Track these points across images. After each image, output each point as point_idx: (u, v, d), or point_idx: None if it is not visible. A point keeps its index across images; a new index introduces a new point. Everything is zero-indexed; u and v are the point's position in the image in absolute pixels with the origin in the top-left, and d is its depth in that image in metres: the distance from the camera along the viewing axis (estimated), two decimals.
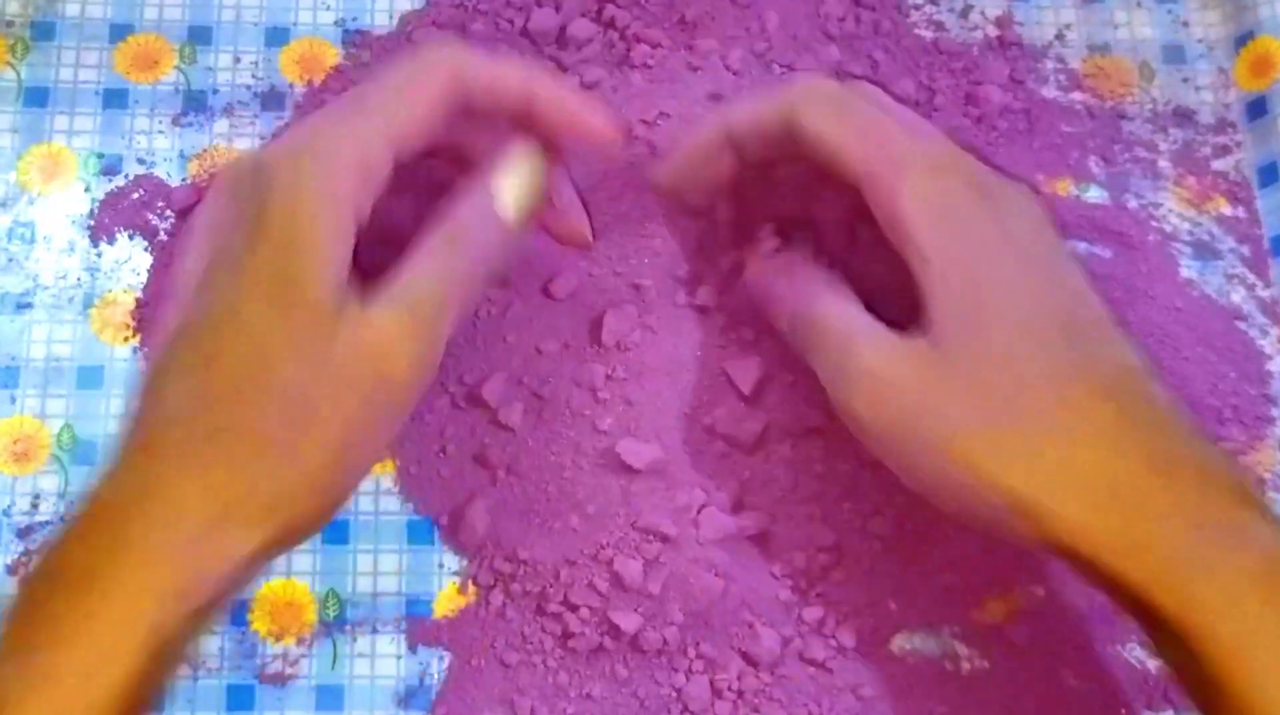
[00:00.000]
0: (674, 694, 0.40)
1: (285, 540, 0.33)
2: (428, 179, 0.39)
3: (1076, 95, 0.49)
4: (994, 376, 0.33)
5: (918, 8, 0.49)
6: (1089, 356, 0.34)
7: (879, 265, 0.38)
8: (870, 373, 0.35)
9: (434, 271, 0.35)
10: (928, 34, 0.49)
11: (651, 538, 0.40)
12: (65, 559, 0.31)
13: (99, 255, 0.44)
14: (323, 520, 0.34)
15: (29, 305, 0.44)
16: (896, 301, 0.36)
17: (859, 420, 0.35)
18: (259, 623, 0.41)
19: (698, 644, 0.40)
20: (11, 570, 0.41)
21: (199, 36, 0.47)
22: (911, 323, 0.35)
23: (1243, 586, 0.31)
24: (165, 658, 0.30)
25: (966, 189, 0.35)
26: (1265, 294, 0.47)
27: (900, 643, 0.41)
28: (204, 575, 0.31)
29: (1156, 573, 0.32)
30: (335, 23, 0.48)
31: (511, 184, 0.37)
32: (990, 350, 0.34)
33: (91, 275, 0.44)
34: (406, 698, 0.40)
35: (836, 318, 0.37)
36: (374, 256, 0.35)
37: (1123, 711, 0.41)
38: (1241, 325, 0.46)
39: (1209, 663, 0.31)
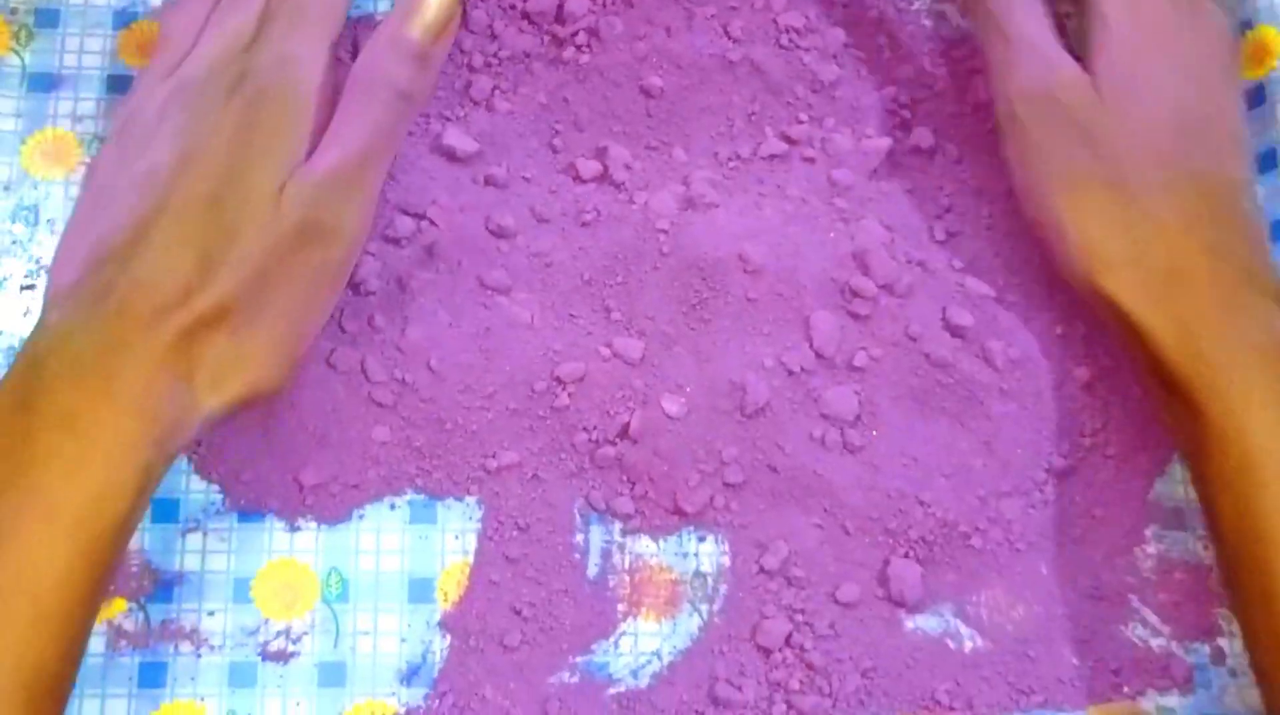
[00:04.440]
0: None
1: (248, 399, 0.36)
2: None
3: None
4: (1119, 143, 0.40)
5: None
6: (1206, 161, 0.40)
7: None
8: (1040, 78, 0.41)
9: (359, 130, 0.38)
10: (928, 23, 0.49)
11: None
12: (46, 400, 0.33)
13: None
14: (281, 383, 0.37)
15: (32, 287, 0.44)
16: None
17: (1008, 99, 0.42)
18: (262, 600, 0.41)
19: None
20: None
21: None
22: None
23: (1251, 358, 0.37)
24: (146, 501, 0.34)
25: None
26: None
27: (905, 621, 0.41)
28: (181, 427, 0.34)
29: (1178, 333, 0.37)
30: None
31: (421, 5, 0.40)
32: (1125, 124, 0.40)
33: None
34: (409, 675, 0.40)
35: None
36: None
37: (1124, 690, 0.41)
38: None
39: (1209, 420, 0.36)
